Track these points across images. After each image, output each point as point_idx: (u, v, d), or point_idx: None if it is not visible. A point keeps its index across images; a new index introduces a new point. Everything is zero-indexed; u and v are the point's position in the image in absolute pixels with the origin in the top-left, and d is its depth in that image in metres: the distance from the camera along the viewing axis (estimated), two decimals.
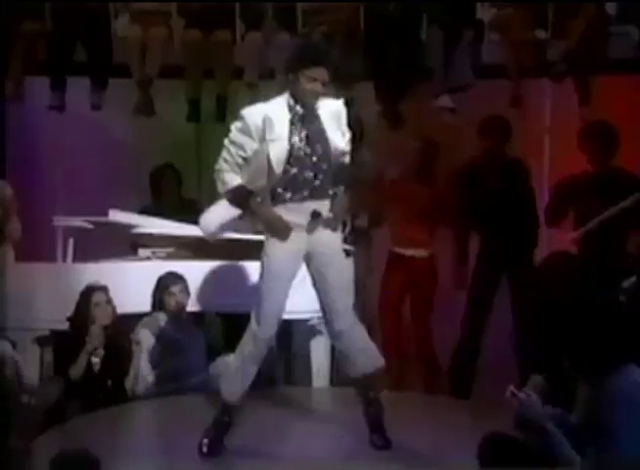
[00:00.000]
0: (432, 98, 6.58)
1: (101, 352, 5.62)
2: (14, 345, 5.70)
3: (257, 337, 4.64)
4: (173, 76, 6.77)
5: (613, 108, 6.57)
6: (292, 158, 4.55)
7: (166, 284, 5.82)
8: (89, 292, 5.67)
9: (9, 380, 5.21)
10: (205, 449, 4.66)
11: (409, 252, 6.59)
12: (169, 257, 6.19)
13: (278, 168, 4.53)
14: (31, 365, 5.72)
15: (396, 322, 6.66)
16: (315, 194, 4.61)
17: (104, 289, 5.69)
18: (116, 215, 6.10)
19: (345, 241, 4.66)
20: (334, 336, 4.80)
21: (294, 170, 4.56)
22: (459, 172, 6.55)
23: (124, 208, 6.24)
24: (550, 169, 7.00)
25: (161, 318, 5.87)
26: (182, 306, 5.83)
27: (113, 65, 6.68)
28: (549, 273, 5.60)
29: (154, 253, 6.19)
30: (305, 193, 4.59)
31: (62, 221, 6.22)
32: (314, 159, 4.58)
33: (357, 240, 4.97)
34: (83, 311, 5.64)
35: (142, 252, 6.22)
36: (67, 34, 6.55)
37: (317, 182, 4.60)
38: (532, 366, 4.56)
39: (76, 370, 5.52)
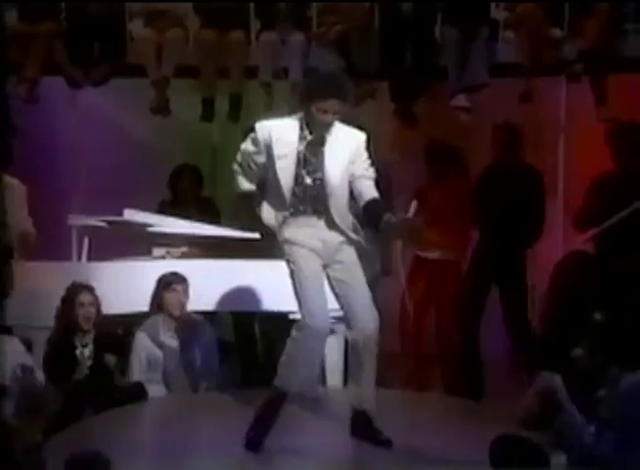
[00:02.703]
0: (447, 97, 6.59)
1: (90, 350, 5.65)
2: (30, 343, 5.74)
3: (310, 329, 4.61)
4: (189, 76, 6.79)
5: (629, 106, 6.54)
6: (298, 177, 4.63)
7: (170, 281, 5.82)
8: (74, 291, 5.68)
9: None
10: (250, 444, 4.67)
11: (434, 254, 6.60)
12: (184, 256, 6.22)
13: (286, 186, 4.62)
14: None
15: (420, 325, 6.69)
16: (321, 215, 4.70)
17: (90, 289, 5.70)
18: (131, 215, 6.12)
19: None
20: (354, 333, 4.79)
21: (300, 189, 4.65)
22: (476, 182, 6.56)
23: (139, 207, 6.26)
24: (564, 169, 7.00)
25: (161, 321, 5.84)
26: (183, 305, 5.82)
27: (129, 65, 6.71)
28: (567, 272, 5.61)
29: (168, 252, 6.22)
30: (312, 212, 4.69)
31: (77, 220, 6.26)
32: (316, 184, 4.65)
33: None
34: (67, 310, 5.66)
35: (156, 251, 6.25)
36: (82, 35, 6.58)
37: (321, 206, 4.67)
38: (539, 364, 4.57)
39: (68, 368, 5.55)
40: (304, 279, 4.66)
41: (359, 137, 4.72)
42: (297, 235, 4.70)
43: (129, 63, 6.70)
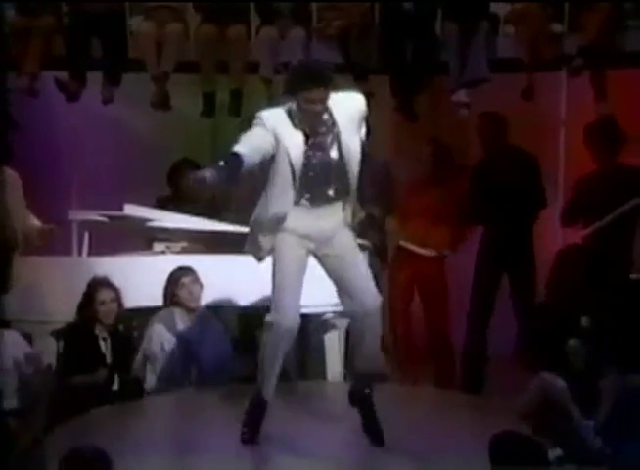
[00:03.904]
0: (447, 93, 6.59)
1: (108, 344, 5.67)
2: (30, 337, 5.76)
3: (279, 327, 4.63)
4: (189, 71, 6.79)
5: (630, 102, 6.54)
6: (308, 160, 4.55)
7: (178, 276, 5.85)
8: (94, 287, 5.69)
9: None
10: (245, 438, 4.73)
11: (418, 249, 6.60)
12: (184, 250, 6.23)
13: (297, 170, 4.53)
14: (48, 358, 5.75)
15: (407, 316, 6.69)
16: (328, 198, 4.63)
17: (110, 285, 5.71)
18: (132, 210, 6.14)
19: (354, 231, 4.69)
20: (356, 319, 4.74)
21: (308, 174, 4.57)
22: (472, 167, 6.58)
23: (139, 202, 6.26)
24: (565, 164, 7.01)
25: (176, 312, 5.89)
26: (196, 297, 5.85)
27: (129, 59, 6.71)
28: (565, 266, 5.63)
29: (168, 247, 6.23)
30: (319, 196, 4.61)
31: (77, 215, 6.27)
32: (320, 165, 4.57)
33: (367, 230, 4.92)
34: (87, 307, 5.67)
35: (157, 246, 6.26)
36: (82, 30, 6.57)
37: (328, 188, 4.61)
38: (541, 363, 4.57)
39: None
40: (283, 276, 4.64)
41: (359, 100, 4.65)
42: (295, 223, 4.62)
43: (129, 57, 6.70)
